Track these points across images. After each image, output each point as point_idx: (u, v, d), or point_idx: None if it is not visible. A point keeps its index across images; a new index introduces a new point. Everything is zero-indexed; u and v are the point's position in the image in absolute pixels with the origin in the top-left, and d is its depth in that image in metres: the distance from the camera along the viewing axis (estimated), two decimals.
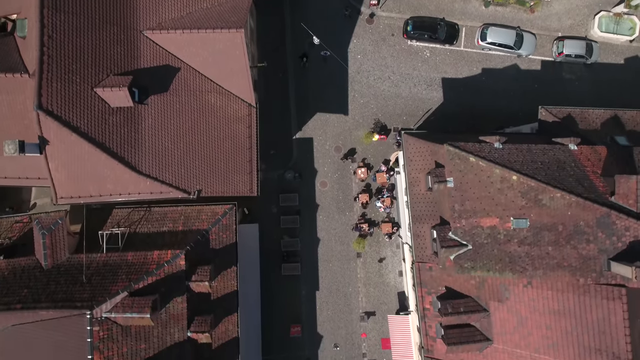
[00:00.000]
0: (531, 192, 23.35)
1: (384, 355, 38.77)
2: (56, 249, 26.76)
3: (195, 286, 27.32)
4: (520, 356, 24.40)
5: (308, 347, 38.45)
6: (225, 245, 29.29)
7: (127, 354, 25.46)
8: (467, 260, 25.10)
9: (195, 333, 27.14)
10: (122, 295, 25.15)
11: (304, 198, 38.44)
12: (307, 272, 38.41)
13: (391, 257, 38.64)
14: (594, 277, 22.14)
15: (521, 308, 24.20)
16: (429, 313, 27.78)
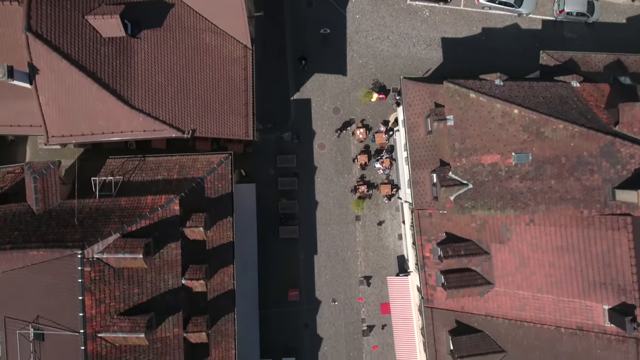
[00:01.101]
0: (533, 125, 22.79)
1: (383, 321, 38.10)
2: (48, 193, 26.18)
3: (189, 232, 26.71)
4: (523, 297, 23.78)
5: (306, 311, 37.79)
6: (221, 194, 28.70)
7: (120, 298, 24.85)
8: (467, 200, 24.51)
9: (190, 280, 26.51)
10: (114, 237, 24.56)
11: (301, 160, 37.86)
12: (305, 235, 37.80)
13: (390, 220, 38.01)
14: (598, 208, 21.54)
15: (523, 247, 23.59)
16: (428, 261, 27.17)
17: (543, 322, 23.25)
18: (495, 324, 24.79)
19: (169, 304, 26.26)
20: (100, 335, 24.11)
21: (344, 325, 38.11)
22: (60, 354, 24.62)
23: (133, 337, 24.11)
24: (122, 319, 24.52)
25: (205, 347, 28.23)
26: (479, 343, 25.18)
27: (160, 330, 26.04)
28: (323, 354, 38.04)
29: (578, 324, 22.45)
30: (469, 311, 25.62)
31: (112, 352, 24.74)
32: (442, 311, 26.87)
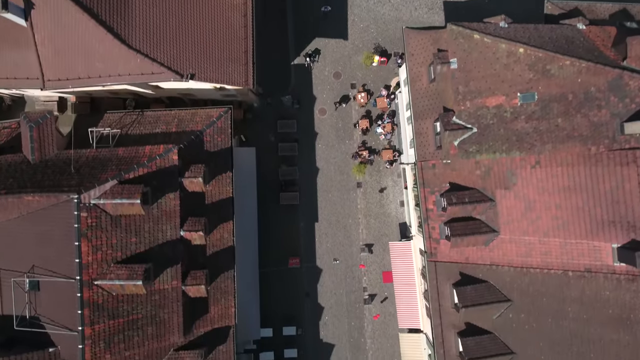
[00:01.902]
0: (539, 63, 22.32)
1: (385, 289, 37.51)
2: (44, 143, 25.71)
3: (188, 183, 26.20)
4: (529, 243, 23.23)
5: (307, 280, 37.24)
6: (220, 149, 28.22)
7: (117, 246, 24.31)
8: (471, 145, 24.03)
9: (188, 232, 25.98)
10: (111, 183, 24.03)
11: (302, 126, 37.40)
12: (306, 202, 37.32)
13: (392, 187, 37.52)
14: (606, 143, 21.04)
15: (529, 191, 23.07)
16: (432, 214, 26.65)
17: (550, 267, 22.70)
18: (501, 273, 24.24)
19: (168, 255, 25.72)
20: (96, 283, 23.56)
21: (345, 294, 37.58)
22: (56, 304, 24.07)
23: (130, 285, 23.55)
24: (119, 267, 23.98)
25: (204, 302, 27.69)
26: (484, 293, 24.63)
27: (159, 282, 25.49)
28: (324, 323, 37.48)
29: (586, 266, 21.90)
30: (473, 262, 25.07)
31: (109, 301, 24.17)
32: (446, 264, 26.33)
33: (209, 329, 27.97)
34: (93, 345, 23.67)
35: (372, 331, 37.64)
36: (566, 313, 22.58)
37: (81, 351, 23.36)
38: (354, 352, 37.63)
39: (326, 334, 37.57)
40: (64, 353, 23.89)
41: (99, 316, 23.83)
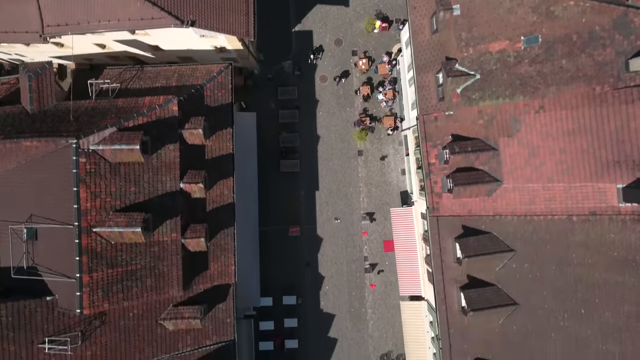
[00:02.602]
0: (542, 5, 22.10)
1: (386, 259, 37.24)
2: (42, 94, 25.46)
3: (188, 135, 25.95)
4: (533, 190, 22.97)
5: (307, 249, 36.96)
6: (221, 104, 27.98)
7: (116, 194, 24.03)
8: (474, 91, 23.81)
9: (188, 184, 25.69)
10: (110, 130, 23.76)
11: (303, 93, 37.20)
12: (306, 170, 37.07)
13: (393, 155, 37.30)
14: (611, 82, 20.80)
15: (533, 137, 22.83)
16: (434, 168, 26.38)
17: (554, 213, 22.43)
18: (504, 223, 23.98)
19: (167, 207, 25.44)
20: (95, 230, 23.26)
21: (345, 264, 37.29)
22: (54, 253, 23.77)
23: (129, 233, 23.26)
24: (118, 214, 23.69)
25: (204, 258, 27.40)
26: (487, 243, 24.35)
27: (158, 234, 25.20)
28: (325, 293, 37.21)
29: (591, 209, 21.64)
30: (476, 214, 24.80)
31: (108, 250, 23.88)
32: (448, 219, 26.04)
33: (208, 286, 27.64)
34: (91, 293, 23.36)
35: (373, 301, 37.34)
36: (570, 259, 22.28)
37: (79, 298, 23.05)
38: (355, 322, 37.32)
39: (326, 303, 37.26)
40: (62, 301, 23.57)
41: (98, 264, 23.52)
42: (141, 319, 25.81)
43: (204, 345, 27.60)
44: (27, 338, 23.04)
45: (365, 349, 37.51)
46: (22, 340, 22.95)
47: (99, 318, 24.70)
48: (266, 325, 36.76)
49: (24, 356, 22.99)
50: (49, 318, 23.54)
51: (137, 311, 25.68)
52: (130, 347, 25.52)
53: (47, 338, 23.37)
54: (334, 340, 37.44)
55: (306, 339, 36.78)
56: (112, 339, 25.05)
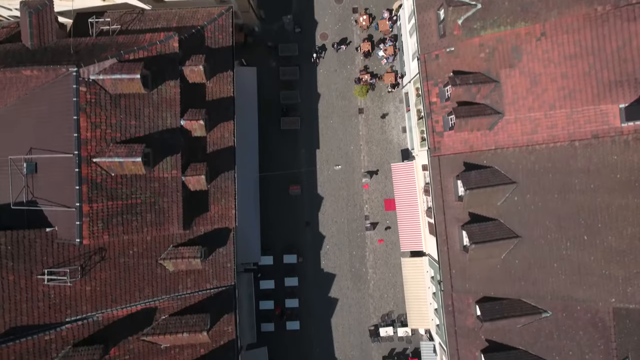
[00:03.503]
0: None
1: (386, 217, 37.07)
2: (43, 30, 25.38)
3: (189, 72, 25.90)
4: (535, 119, 22.89)
5: (308, 208, 36.81)
6: (221, 46, 27.94)
7: (116, 127, 23.94)
8: (475, 21, 23.76)
9: (189, 121, 25.62)
10: (111, 61, 23.68)
11: (303, 51, 37.16)
12: (307, 129, 37.00)
13: (394, 113, 37.21)
14: (612, 1, 20.73)
15: (534, 65, 22.76)
16: (435, 107, 26.32)
17: (556, 140, 22.33)
18: (505, 156, 23.86)
19: (167, 143, 25.36)
20: (95, 161, 23.16)
21: (346, 223, 37.12)
22: (54, 185, 23.66)
23: (129, 163, 23.14)
24: (118, 145, 23.59)
25: (204, 199, 27.28)
26: (489, 176, 24.22)
27: (158, 170, 25.10)
28: (325, 253, 37.04)
29: (593, 132, 21.54)
30: (478, 149, 24.70)
31: (108, 182, 23.76)
32: (450, 157, 25.93)
33: (209, 228, 27.49)
34: (91, 224, 23.22)
35: (374, 260, 37.15)
36: (573, 185, 22.15)
37: (78, 228, 22.90)
38: (355, 281, 37.12)
39: (327, 263, 37.08)
40: (61, 232, 23.43)
41: (97, 195, 23.40)
42: (141, 257, 25.64)
43: (204, 288, 27.38)
44: (26, 268, 22.86)
45: (366, 309, 37.32)
46: (22, 270, 22.77)
47: (98, 254, 24.55)
48: (267, 284, 36.51)
49: (24, 286, 22.81)
50: (48, 250, 23.36)
51: (137, 249, 25.51)
52: (130, 285, 25.34)
53: (47, 270, 23.14)
54: (335, 300, 37.24)
55: (307, 298, 36.59)
56: (111, 275, 24.88)
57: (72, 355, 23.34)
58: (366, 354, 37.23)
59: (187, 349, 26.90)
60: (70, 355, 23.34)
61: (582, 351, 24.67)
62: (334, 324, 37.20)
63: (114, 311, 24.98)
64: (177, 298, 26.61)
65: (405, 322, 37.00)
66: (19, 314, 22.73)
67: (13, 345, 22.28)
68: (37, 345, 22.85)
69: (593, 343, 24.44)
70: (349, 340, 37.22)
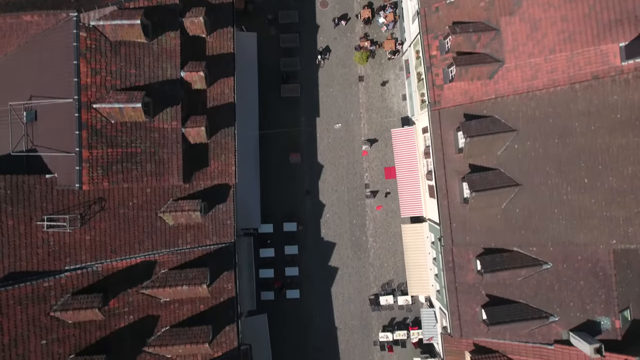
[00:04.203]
0: None
1: (387, 186, 37.05)
2: None
3: (189, 24, 25.95)
4: (535, 65, 22.91)
5: (308, 177, 36.78)
6: (222, 2, 27.93)
7: (116, 74, 23.96)
8: None
9: (189, 72, 25.64)
10: (111, 8, 23.71)
11: (303, 19, 37.20)
12: (307, 96, 36.99)
13: (394, 80, 37.22)
14: None
15: (534, 10, 22.78)
16: (435, 60, 26.34)
17: (556, 84, 22.32)
18: (506, 104, 23.86)
19: (167, 94, 25.37)
20: (95, 106, 23.16)
21: (346, 191, 37.07)
22: (54, 132, 23.67)
23: (129, 109, 23.15)
24: (118, 92, 23.58)
25: (204, 154, 27.26)
26: (489, 125, 24.21)
27: (158, 120, 25.10)
28: (325, 221, 36.97)
29: (593, 73, 21.53)
30: (478, 99, 24.68)
31: (108, 129, 23.76)
32: (450, 110, 25.94)
33: (208, 183, 27.47)
34: (90, 169, 23.20)
35: (374, 229, 37.09)
36: (573, 129, 22.14)
37: (78, 173, 22.89)
38: (356, 250, 37.04)
39: (327, 232, 37.01)
40: (61, 179, 23.40)
41: (97, 141, 23.40)
42: (141, 209, 25.60)
43: (204, 244, 27.31)
44: (25, 214, 22.81)
45: (366, 278, 37.22)
46: (21, 215, 22.72)
47: (98, 203, 24.51)
48: (267, 252, 36.44)
49: (23, 232, 22.76)
50: (47, 197, 23.33)
51: (137, 201, 25.48)
52: (129, 237, 25.29)
53: (46, 216, 23.09)
54: (335, 268, 37.15)
55: (307, 267, 36.52)
56: (111, 226, 24.83)
57: (71, 302, 23.21)
58: (366, 323, 37.11)
59: (186, 304, 26.81)
60: (70, 303, 23.22)
61: (583, 301, 24.58)
62: (334, 293, 37.08)
63: (114, 262, 24.90)
64: (177, 252, 26.54)
65: (405, 291, 36.89)
66: (17, 260, 22.65)
67: (12, 289, 22.18)
68: (36, 291, 22.76)
69: (594, 293, 24.36)
70: (349, 310, 37.11)
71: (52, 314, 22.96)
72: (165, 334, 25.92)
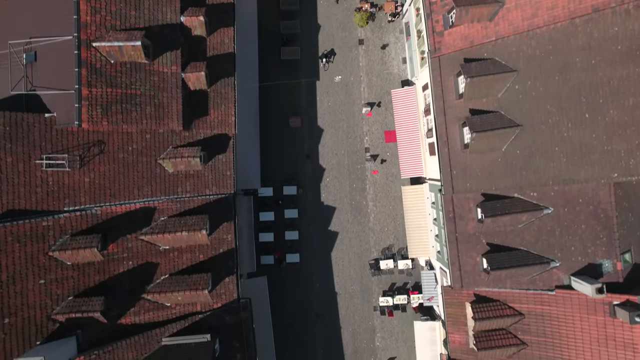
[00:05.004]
0: None
1: (387, 150, 36.98)
2: None
3: None
4: (535, 2, 22.82)
5: (308, 140, 36.74)
6: None
7: (116, 15, 23.95)
8: None
9: (189, 17, 25.61)
10: None
11: None
12: (307, 60, 36.98)
13: (394, 44, 37.22)
14: None
15: None
16: (435, 6, 26.35)
17: (557, 21, 22.27)
18: (506, 45, 23.82)
19: (167, 39, 25.36)
20: (95, 45, 23.14)
21: (346, 155, 37.02)
22: (53, 72, 23.58)
23: (129, 47, 23.14)
24: (118, 31, 23.52)
25: (204, 102, 27.20)
26: (489, 66, 24.17)
27: (158, 64, 25.08)
28: (325, 185, 36.88)
29: (593, 6, 21.46)
30: (478, 42, 24.65)
31: (107, 68, 23.72)
32: (450, 56, 25.90)
33: (208, 132, 27.42)
34: (90, 108, 23.13)
35: (374, 193, 37.01)
36: (574, 64, 22.07)
37: (77, 110, 22.81)
38: (356, 214, 36.95)
39: (327, 196, 36.92)
40: (60, 118, 23.32)
41: (97, 80, 23.35)
42: (140, 155, 25.53)
43: (204, 194, 27.21)
44: (24, 152, 22.73)
45: (366, 243, 37.10)
46: (20, 153, 22.64)
47: (97, 146, 24.44)
48: (266, 216, 36.31)
49: (21, 169, 22.66)
50: (47, 136, 23.26)
51: (137, 146, 25.41)
52: (128, 182, 25.20)
53: (45, 155, 23.00)
54: (335, 233, 37.03)
55: (306, 231, 36.41)
56: (110, 169, 24.74)
57: (69, 243, 23.09)
58: (366, 288, 36.97)
59: (186, 253, 26.69)
60: (68, 243, 23.09)
61: (585, 245, 24.46)
62: (334, 258, 36.95)
63: (113, 207, 24.79)
64: (176, 201, 26.43)
65: (405, 255, 36.77)
66: (16, 197, 22.54)
67: (10, 226, 22.07)
68: (35, 229, 22.65)
69: (595, 235, 24.25)
70: (349, 274, 36.97)
71: (51, 254, 22.82)
72: (165, 281, 25.77)
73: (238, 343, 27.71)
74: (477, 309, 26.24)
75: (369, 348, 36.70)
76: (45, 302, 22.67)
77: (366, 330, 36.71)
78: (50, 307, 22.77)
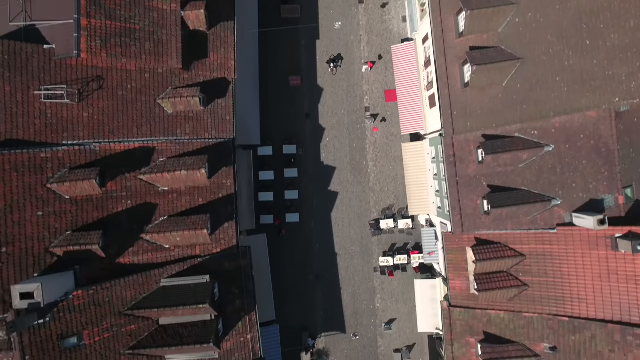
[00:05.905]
0: None
1: (387, 109, 36.91)
2: None
3: None
4: None
5: (308, 100, 36.66)
6: None
7: None
8: None
9: None
10: None
11: None
12: (306, 19, 36.94)
13: (394, 2, 37.24)
14: None
15: None
16: None
17: None
18: None
19: None
20: None
21: (347, 114, 36.94)
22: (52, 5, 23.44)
23: None
24: None
25: (203, 44, 27.11)
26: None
27: (157, 0, 24.93)
28: (325, 145, 36.80)
29: None
30: None
31: (106, 0, 23.55)
32: None
33: (208, 75, 27.32)
34: (89, 39, 23.05)
35: (374, 153, 36.91)
36: None
37: (76, 40, 22.69)
38: (356, 174, 36.83)
39: (327, 156, 36.82)
40: (59, 49, 23.20)
41: (96, 11, 23.28)
42: (139, 93, 25.43)
43: (203, 137, 27.09)
44: (22, 81, 22.62)
45: (366, 203, 36.97)
46: (18, 82, 22.52)
47: (96, 82, 24.32)
48: (266, 175, 36.20)
49: (20, 99, 22.54)
50: (45, 67, 23.14)
51: (136, 85, 25.31)
52: (127, 120, 25.08)
53: (44, 87, 22.89)
54: (335, 193, 36.90)
55: (306, 191, 36.28)
56: (109, 106, 24.63)
57: (68, 176, 22.94)
58: (366, 249, 36.79)
59: (185, 195, 26.53)
60: (67, 176, 22.94)
61: (586, 181, 24.30)
62: (334, 218, 36.80)
63: (112, 144, 24.64)
64: (176, 142, 26.31)
65: (406, 215, 36.61)
66: (14, 127, 22.41)
67: (8, 154, 21.93)
68: (33, 160, 22.51)
69: (597, 170, 24.09)
70: (349, 235, 36.80)
71: (49, 186, 22.66)
72: (163, 222, 25.59)
73: (237, 290, 27.49)
74: (477, 251, 26.05)
75: (369, 309, 36.49)
76: (43, 234, 22.47)
77: (366, 292, 36.50)
78: (49, 239, 22.56)
